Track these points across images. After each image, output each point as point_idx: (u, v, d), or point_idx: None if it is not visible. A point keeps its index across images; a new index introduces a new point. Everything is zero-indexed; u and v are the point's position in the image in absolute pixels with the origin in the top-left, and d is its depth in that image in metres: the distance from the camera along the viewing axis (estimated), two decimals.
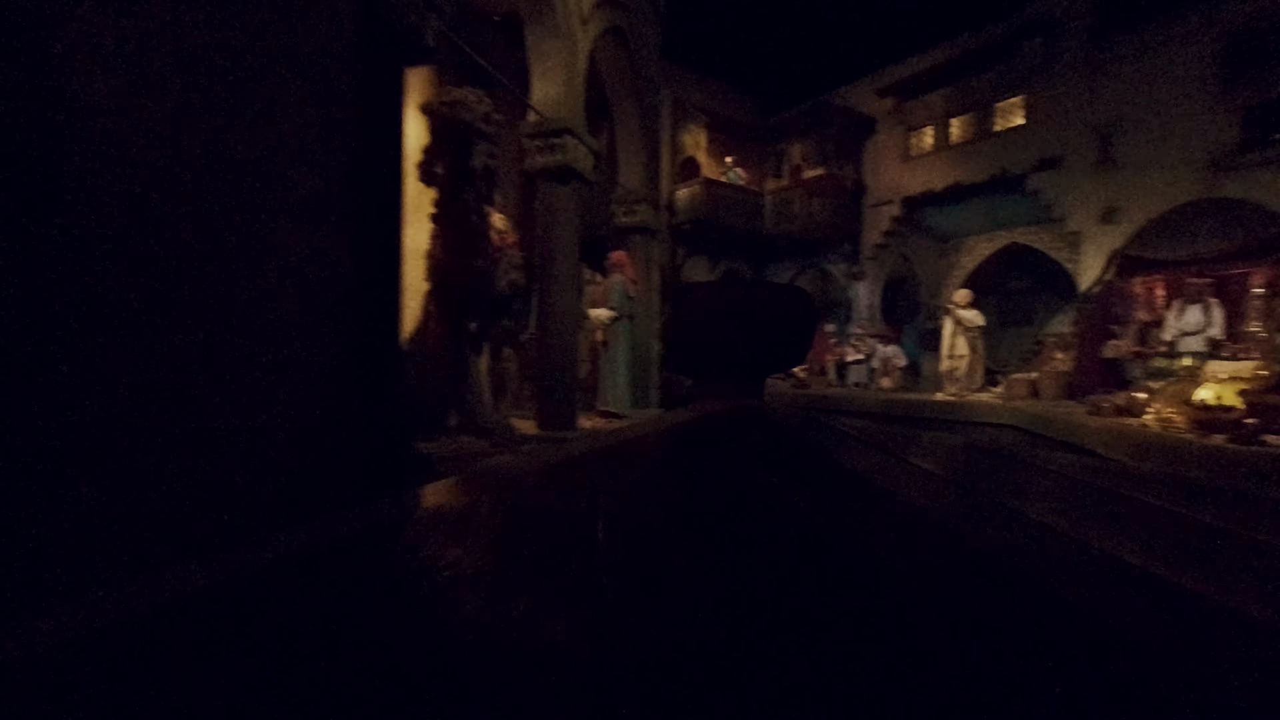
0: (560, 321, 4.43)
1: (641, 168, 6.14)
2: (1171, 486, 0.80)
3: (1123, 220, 8.38)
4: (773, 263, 13.17)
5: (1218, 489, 0.86)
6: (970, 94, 10.27)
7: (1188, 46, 7.92)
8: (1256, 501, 0.77)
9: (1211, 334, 7.39)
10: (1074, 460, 1.15)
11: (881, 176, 11.45)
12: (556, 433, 4.49)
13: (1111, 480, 0.81)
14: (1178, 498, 0.73)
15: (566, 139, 4.23)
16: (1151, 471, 1.75)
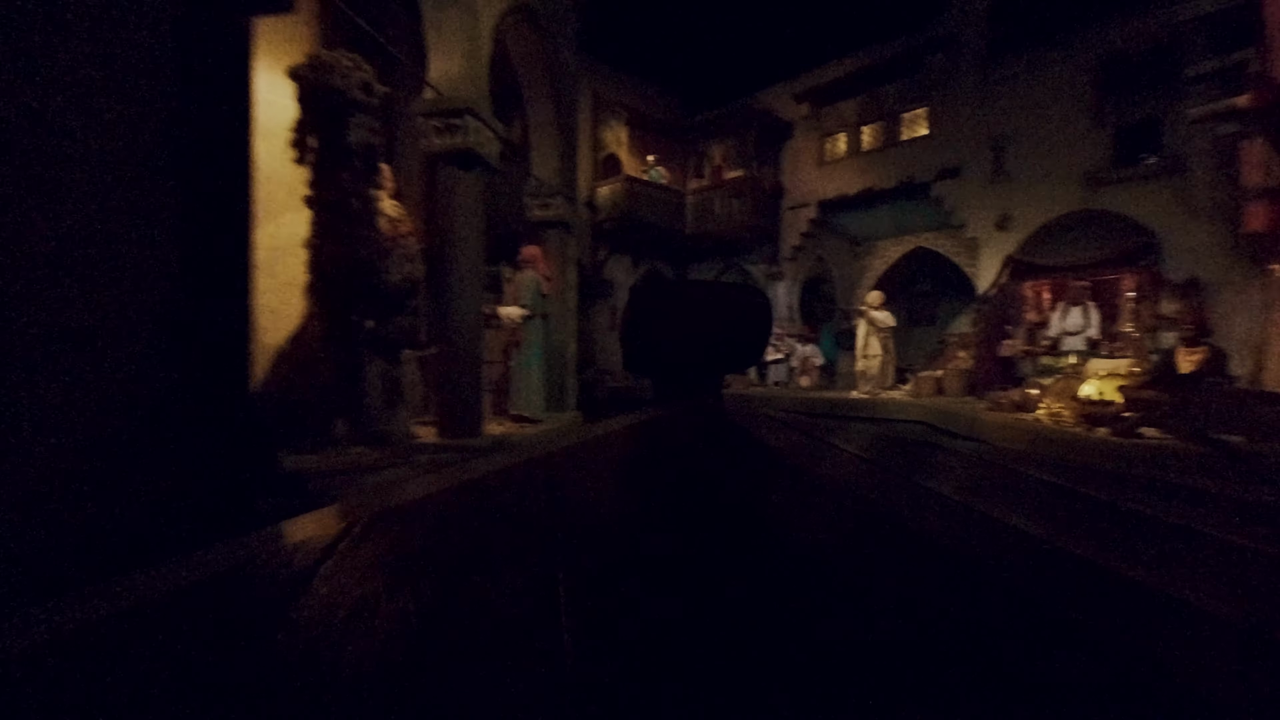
0: (462, 319, 4.06)
1: (557, 160, 5.84)
2: (1057, 467, 0.89)
3: (1015, 227, 8.96)
4: (695, 262, 13.19)
5: (1098, 469, 0.97)
6: (880, 103, 10.68)
7: (1067, 70, 8.56)
8: (1128, 480, 0.87)
9: (1090, 334, 8.03)
10: (974, 446, 1.24)
11: (799, 179, 11.72)
12: (460, 440, 4.12)
13: (1006, 460, 0.90)
14: (1063, 475, 0.81)
15: (468, 120, 3.86)
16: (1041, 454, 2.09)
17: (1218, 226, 7.38)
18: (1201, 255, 7.43)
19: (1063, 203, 8.52)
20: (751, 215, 11.40)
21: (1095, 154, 8.33)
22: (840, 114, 11.19)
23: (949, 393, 8.75)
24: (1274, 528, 0.62)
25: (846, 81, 10.89)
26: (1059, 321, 8.33)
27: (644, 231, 11.54)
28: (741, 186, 11.52)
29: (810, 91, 11.33)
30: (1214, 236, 7.40)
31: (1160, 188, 7.79)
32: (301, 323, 4.08)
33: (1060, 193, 8.55)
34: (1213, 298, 7.17)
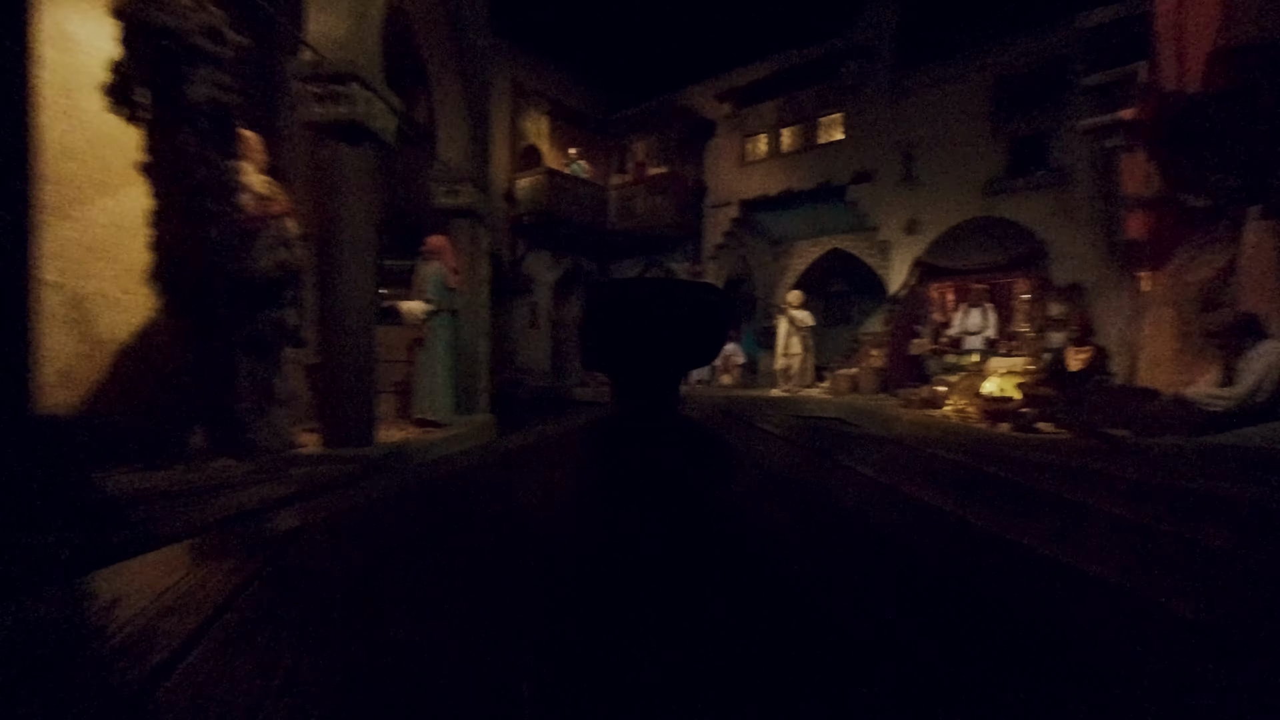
0: (348, 313, 3.59)
1: (466, 143, 5.40)
2: (964, 451, 1.01)
3: (922, 231, 9.37)
4: (617, 259, 12.97)
5: (1000, 453, 1.14)
6: (798, 107, 10.89)
7: (968, 84, 9.05)
8: (1027, 464, 0.99)
9: (988, 334, 8.50)
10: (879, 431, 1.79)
11: (721, 178, 11.76)
12: (348, 450, 3.64)
13: (917, 445, 1.06)
14: (969, 458, 0.92)
15: (355, 89, 3.40)
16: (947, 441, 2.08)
17: (1097, 235, 8.00)
18: (1082, 262, 8.04)
19: (965, 209, 8.99)
20: (674, 213, 11.32)
21: (992, 164, 8.85)
22: (761, 115, 11.33)
23: (864, 390, 9.02)
24: (1156, 504, 0.70)
25: (767, 83, 11.03)
26: (961, 322, 8.78)
27: (565, 226, 11.18)
28: (665, 183, 11.42)
29: (732, 91, 11.39)
30: (1093, 245, 8.03)
31: (1047, 198, 8.37)
32: (151, 315, 3.46)
33: (962, 200, 9.02)
34: (1093, 301, 7.76)
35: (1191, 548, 0.58)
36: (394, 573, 0.44)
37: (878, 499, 0.64)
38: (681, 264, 12.25)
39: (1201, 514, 0.71)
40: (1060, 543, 0.53)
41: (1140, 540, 0.57)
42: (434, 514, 0.57)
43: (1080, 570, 0.45)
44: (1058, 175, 8.28)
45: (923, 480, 0.75)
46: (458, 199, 5.30)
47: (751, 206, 11.39)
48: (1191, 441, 3.61)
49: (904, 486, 0.67)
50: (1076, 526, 0.59)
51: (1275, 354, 3.40)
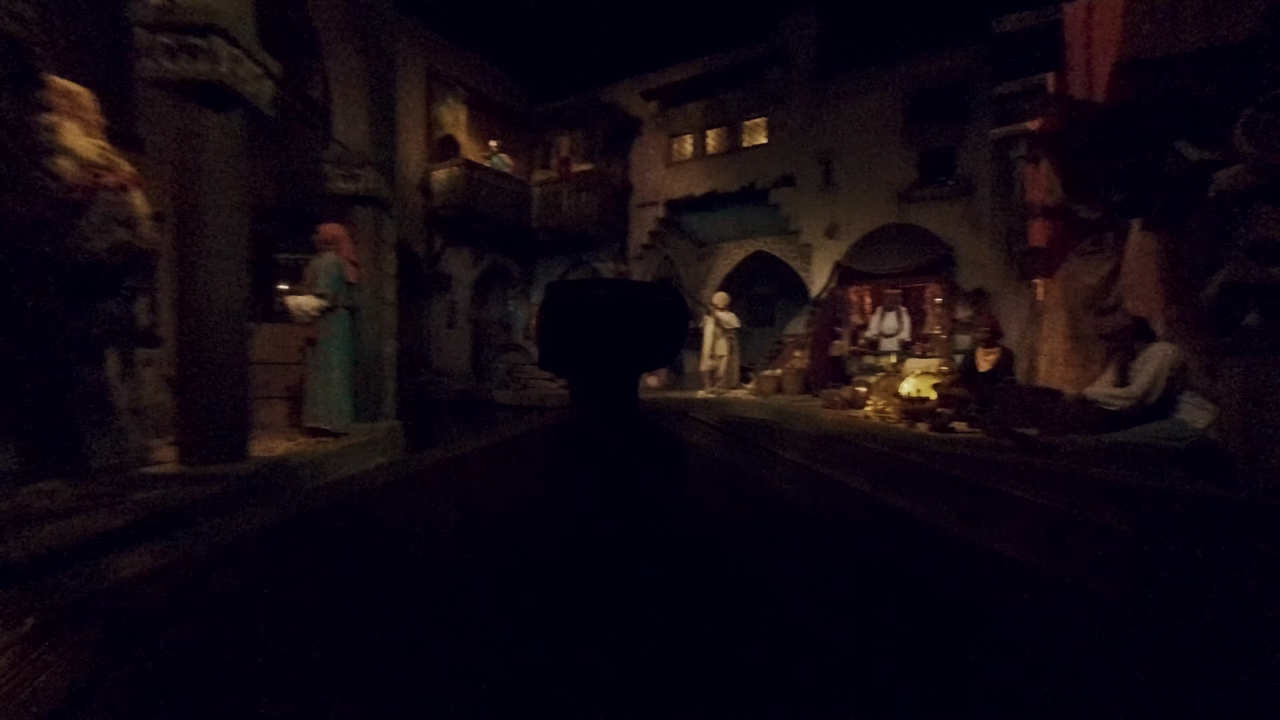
0: (212, 309, 3.07)
1: (367, 123, 4.89)
2: (884, 441, 1.57)
3: (842, 236, 9.61)
4: (541, 258, 12.55)
5: (916, 442, 2.02)
6: (723, 109, 10.93)
7: (883, 96, 9.37)
8: (942, 454, 1.40)
9: (902, 336, 8.82)
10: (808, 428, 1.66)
11: (647, 178, 11.62)
12: (211, 467, 3.11)
13: (838, 435, 1.36)
14: (888, 446, 1.01)
15: (217, 44, 2.90)
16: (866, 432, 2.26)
17: (998, 244, 8.48)
18: (986, 268, 8.50)
19: (881, 215, 9.29)
20: (600, 211, 11.05)
21: (905, 173, 9.20)
22: (687, 116, 11.29)
23: (788, 391, 9.12)
24: (1060, 491, 0.78)
25: (692, 84, 11.00)
26: (877, 324, 9.07)
27: (486, 222, 10.65)
28: (590, 181, 11.13)
29: (658, 90, 11.28)
30: (995, 252, 8.50)
31: (955, 207, 8.80)
32: None
33: (879, 206, 9.32)
34: (996, 305, 8.20)
35: (1092, 529, 0.62)
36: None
37: (804, 483, 0.68)
38: (607, 264, 12.00)
39: (1101, 499, 0.76)
40: (972, 523, 0.56)
41: (1046, 522, 0.62)
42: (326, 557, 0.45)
43: (989, 548, 0.48)
44: (964, 186, 8.71)
45: (844, 467, 0.77)
46: (357, 184, 4.78)
47: (677, 207, 11.33)
48: (1094, 439, 3.74)
49: (825, 471, 0.71)
50: (987, 509, 0.62)
51: (1163, 355, 3.58)
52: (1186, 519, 0.71)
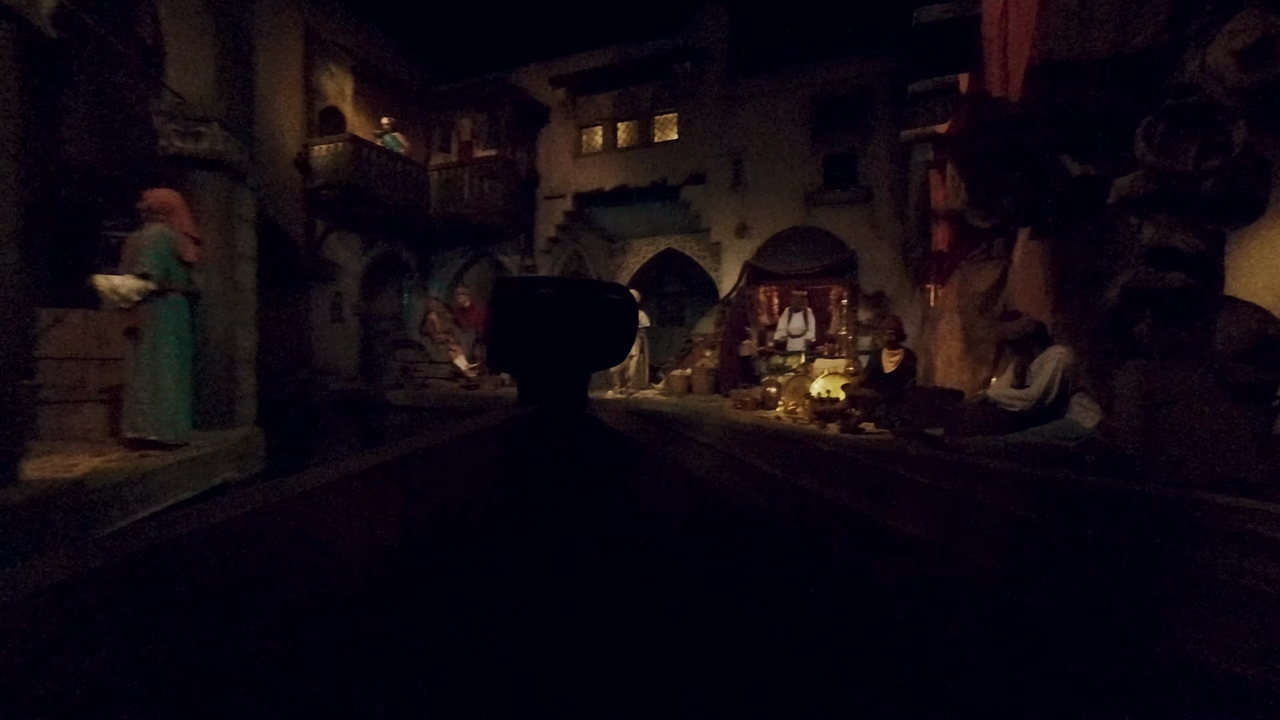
0: None
1: (212, 71, 4.07)
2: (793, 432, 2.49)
3: (751, 236, 9.66)
4: (441, 248, 11.67)
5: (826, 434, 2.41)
6: (634, 102, 10.67)
7: (791, 100, 9.51)
8: (854, 445, 2.41)
9: (808, 337, 8.98)
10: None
11: (555, 169, 11.12)
12: None
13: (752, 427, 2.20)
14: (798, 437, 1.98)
15: None
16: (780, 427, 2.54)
17: (896, 249, 8.86)
18: (885, 272, 8.84)
19: (789, 217, 9.42)
20: (505, 201, 10.41)
21: (811, 177, 9.39)
22: (597, 107, 10.91)
23: (698, 391, 9.01)
24: (956, 475, 1.00)
25: (603, 74, 10.64)
26: (785, 324, 9.18)
27: (376, 206, 9.68)
28: (494, 168, 10.45)
29: (567, 78, 10.81)
30: (893, 257, 8.87)
31: (857, 212, 9.09)
32: None
33: (787, 207, 9.45)
34: (894, 308, 8.54)
35: (989, 511, 0.68)
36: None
37: (722, 468, 0.73)
38: (512, 257, 11.37)
39: (998, 487, 0.93)
40: (879, 506, 0.61)
41: (946, 505, 0.68)
42: None
43: (893, 528, 0.53)
44: (865, 192, 9.02)
45: (760, 454, 0.81)
46: (199, 144, 3.94)
47: (587, 200, 10.93)
48: (997, 439, 3.79)
49: (742, 457, 0.77)
50: (892, 492, 0.67)
51: (1058, 359, 3.69)
52: (1075, 503, 0.81)
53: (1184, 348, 2.69)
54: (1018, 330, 3.81)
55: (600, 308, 0.76)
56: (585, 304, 0.76)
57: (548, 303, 0.74)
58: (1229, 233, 2.86)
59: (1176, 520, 2.21)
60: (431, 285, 11.67)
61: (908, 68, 7.73)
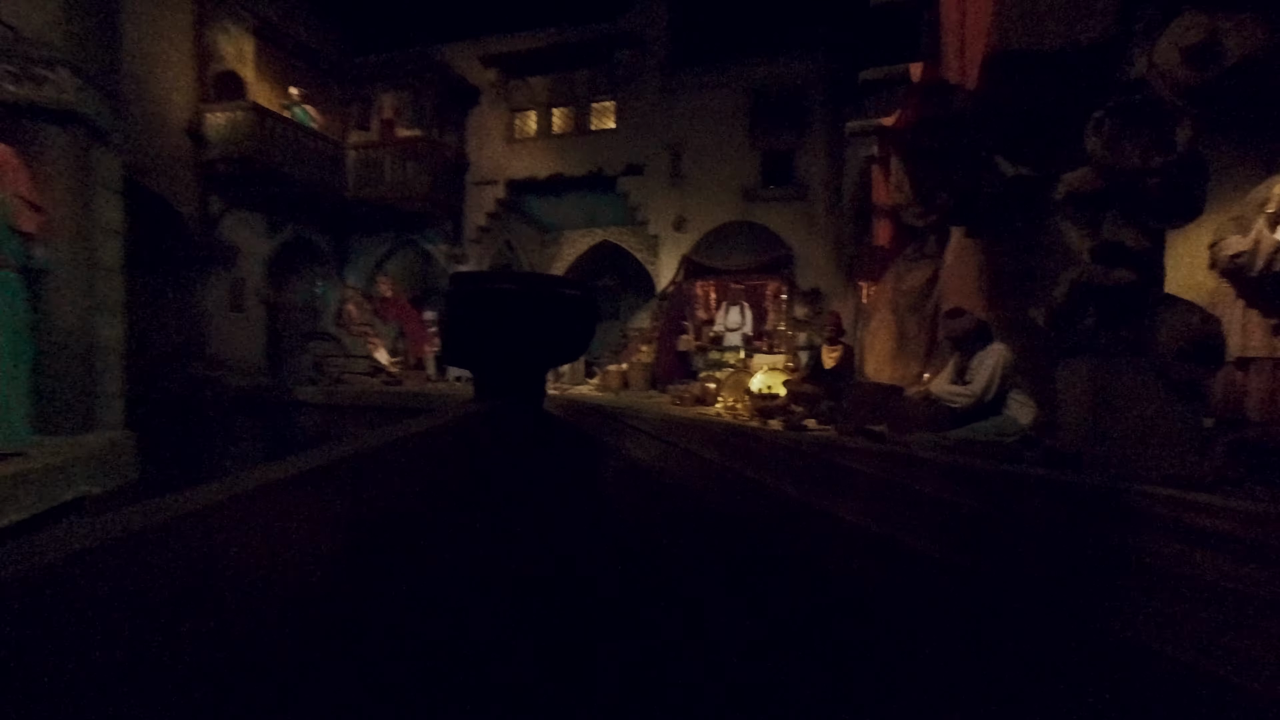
0: None
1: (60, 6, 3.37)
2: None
3: (689, 229, 9.50)
4: (360, 234, 10.81)
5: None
6: (571, 88, 10.26)
7: (730, 94, 9.41)
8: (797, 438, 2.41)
9: (745, 331, 8.93)
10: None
11: (486, 154, 10.54)
12: None
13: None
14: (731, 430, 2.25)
15: None
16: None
17: (831, 246, 8.96)
18: (820, 269, 8.92)
19: (727, 211, 9.33)
20: (431, 185, 9.73)
21: (750, 172, 9.34)
22: (531, 90, 10.42)
23: (634, 386, 8.77)
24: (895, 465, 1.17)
25: (538, 56, 10.15)
26: (722, 319, 9.10)
27: (285, 185, 8.79)
28: (419, 150, 9.75)
29: (499, 58, 10.25)
30: (828, 254, 8.97)
31: (794, 209, 9.12)
32: None
33: (725, 202, 9.36)
34: (830, 305, 8.62)
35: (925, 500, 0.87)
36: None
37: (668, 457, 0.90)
38: (439, 246, 10.69)
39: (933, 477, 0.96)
40: (820, 492, 0.95)
41: (881, 491, 0.95)
42: None
43: (831, 512, 0.75)
44: (801, 190, 9.06)
45: (700, 443, 1.30)
46: (40, 90, 3.25)
47: (520, 188, 10.43)
48: (940, 435, 3.76)
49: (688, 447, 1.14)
50: (831, 480, 0.98)
51: (998, 355, 3.69)
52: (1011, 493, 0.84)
53: (1129, 345, 2.69)
54: (962, 328, 3.79)
55: (559, 304, 0.74)
56: (544, 300, 0.73)
57: (506, 298, 0.71)
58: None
59: (1109, 511, 2.21)
60: (349, 273, 10.80)
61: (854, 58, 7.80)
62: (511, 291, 0.74)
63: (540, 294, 0.76)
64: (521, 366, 0.73)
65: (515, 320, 0.70)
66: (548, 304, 0.73)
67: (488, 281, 0.77)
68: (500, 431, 0.66)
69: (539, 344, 0.73)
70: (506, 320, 0.70)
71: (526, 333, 0.71)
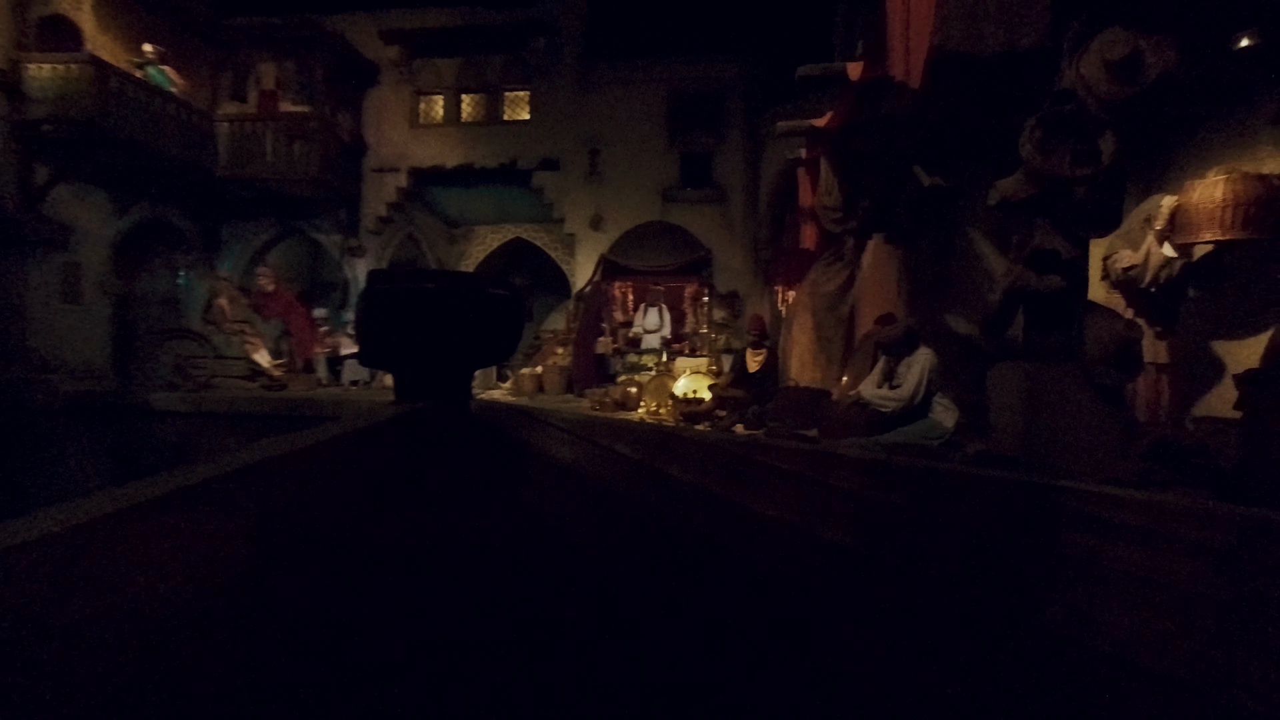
0: None
1: None
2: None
3: (607, 229, 9.24)
4: (237, 219, 9.55)
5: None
6: (482, 73, 9.67)
7: (648, 92, 9.26)
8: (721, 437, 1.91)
9: (664, 334, 8.79)
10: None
11: (387, 138, 9.68)
12: None
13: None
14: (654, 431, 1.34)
15: None
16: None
17: (748, 250, 9.05)
18: (738, 272, 8.98)
19: (645, 211, 9.17)
20: (322, 168, 8.76)
21: (668, 173, 9.24)
22: (438, 73, 9.71)
23: (550, 391, 8.36)
24: (818, 463, 0.79)
25: (445, 35, 9.46)
26: (640, 321, 8.91)
27: (133, 155, 7.52)
28: (308, 128, 8.75)
29: (401, 34, 9.45)
30: (745, 257, 9.06)
31: (712, 212, 9.13)
32: None
33: (643, 202, 9.19)
34: (748, 308, 8.70)
35: (842, 494, 0.69)
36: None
37: (591, 457, 0.73)
38: (332, 235, 9.68)
39: (854, 474, 0.80)
40: (738, 488, 0.63)
41: (797, 487, 0.69)
42: None
43: (748, 507, 0.56)
44: (720, 192, 9.08)
45: (624, 443, 0.81)
46: None
47: (425, 177, 9.68)
48: (869, 440, 3.75)
49: (610, 445, 0.78)
50: (757, 478, 0.68)
51: (926, 360, 3.74)
52: (927, 488, 0.76)
53: (1058, 350, 2.75)
54: (894, 334, 3.81)
55: (485, 303, 0.73)
56: (469, 300, 0.72)
57: (430, 298, 0.71)
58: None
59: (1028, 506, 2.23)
60: (222, 263, 9.49)
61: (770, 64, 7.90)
62: (436, 291, 0.72)
63: (466, 294, 0.74)
64: (446, 368, 0.71)
65: (440, 321, 0.68)
66: (474, 304, 0.71)
67: (410, 280, 0.75)
68: (423, 435, 0.63)
69: (465, 345, 0.71)
70: (431, 321, 0.68)
71: (451, 334, 0.69)
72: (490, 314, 0.74)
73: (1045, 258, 2.74)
